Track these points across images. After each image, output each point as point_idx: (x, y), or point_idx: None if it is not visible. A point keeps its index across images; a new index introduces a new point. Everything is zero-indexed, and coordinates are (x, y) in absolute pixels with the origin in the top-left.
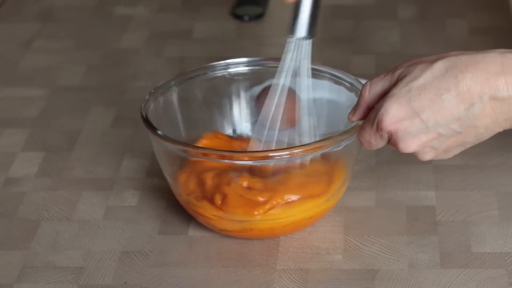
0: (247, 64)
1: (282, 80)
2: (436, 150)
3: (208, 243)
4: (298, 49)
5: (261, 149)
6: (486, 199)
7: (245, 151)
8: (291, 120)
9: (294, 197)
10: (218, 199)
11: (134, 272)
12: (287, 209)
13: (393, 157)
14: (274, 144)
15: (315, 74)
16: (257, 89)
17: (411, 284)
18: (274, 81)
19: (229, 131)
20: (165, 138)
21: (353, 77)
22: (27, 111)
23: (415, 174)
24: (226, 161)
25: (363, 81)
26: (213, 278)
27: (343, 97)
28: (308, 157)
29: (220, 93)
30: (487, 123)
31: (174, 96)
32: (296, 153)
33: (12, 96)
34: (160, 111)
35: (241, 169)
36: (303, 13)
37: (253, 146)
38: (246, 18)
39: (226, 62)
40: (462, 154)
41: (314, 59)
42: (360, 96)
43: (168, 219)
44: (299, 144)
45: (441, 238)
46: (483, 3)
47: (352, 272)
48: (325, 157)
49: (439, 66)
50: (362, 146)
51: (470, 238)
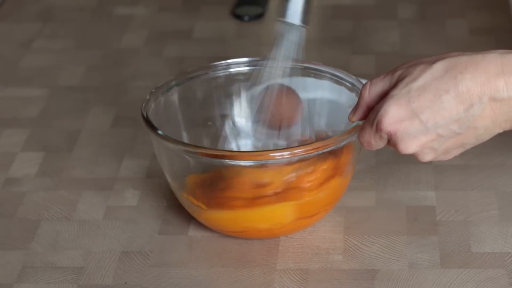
0: (248, 64)
1: (277, 73)
2: (436, 151)
3: (208, 243)
4: (290, 36)
5: (260, 149)
6: (486, 199)
7: (246, 152)
8: (290, 120)
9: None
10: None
11: (134, 272)
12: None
13: (393, 157)
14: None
15: (316, 74)
16: (257, 89)
17: (411, 284)
18: (267, 73)
19: (230, 131)
20: (166, 138)
21: (354, 77)
22: (27, 111)
23: (415, 174)
24: (228, 161)
25: (364, 81)
26: (213, 278)
27: (344, 97)
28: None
29: (221, 93)
30: (487, 124)
31: (175, 96)
32: (297, 153)
33: (12, 96)
34: (161, 111)
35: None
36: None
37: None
38: (246, 18)
39: (227, 62)
40: (462, 154)
41: (314, 59)
42: (360, 97)
43: (168, 219)
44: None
45: (441, 238)
46: (483, 3)
47: (352, 272)
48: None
49: (439, 67)
50: (362, 147)
51: (470, 238)
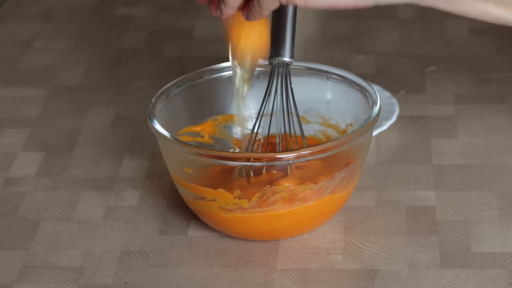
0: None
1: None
2: None
3: (208, 243)
4: (282, 73)
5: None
6: (486, 199)
7: (252, 153)
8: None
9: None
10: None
11: (134, 272)
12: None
13: (393, 157)
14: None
15: (319, 74)
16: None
17: (411, 284)
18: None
19: (235, 131)
20: (174, 141)
21: (359, 77)
22: (27, 111)
23: (415, 174)
24: (236, 163)
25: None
26: (213, 278)
27: (349, 96)
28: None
29: (225, 94)
30: None
31: (180, 98)
32: (304, 155)
33: (12, 96)
34: (165, 113)
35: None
36: (287, 36)
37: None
38: None
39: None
40: (462, 154)
41: (314, 59)
42: None
43: (168, 219)
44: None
45: (441, 238)
46: None
47: (352, 272)
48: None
49: None
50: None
51: (470, 238)
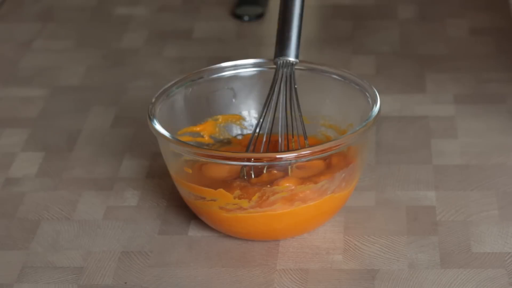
0: (254, 65)
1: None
2: None
3: (208, 243)
4: (287, 72)
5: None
6: (486, 199)
7: (253, 153)
8: None
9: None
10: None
11: (134, 272)
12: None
13: (393, 157)
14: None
15: (322, 75)
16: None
17: (411, 284)
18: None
19: (237, 132)
20: (174, 141)
21: (359, 77)
22: (27, 111)
23: (415, 174)
24: (236, 163)
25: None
26: (213, 278)
27: (349, 96)
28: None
29: (226, 94)
30: None
31: (180, 98)
32: (304, 155)
33: (12, 96)
34: (165, 113)
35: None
36: (293, 36)
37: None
38: (246, 18)
39: (234, 63)
40: (462, 154)
41: (314, 59)
42: None
43: (168, 219)
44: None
45: (441, 238)
46: (483, 3)
47: (352, 272)
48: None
49: None
50: None
51: (470, 238)
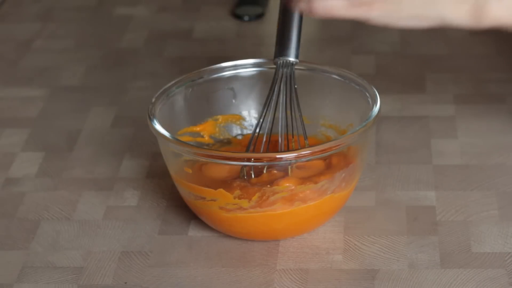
0: (254, 65)
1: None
2: None
3: (208, 243)
4: (287, 73)
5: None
6: (486, 199)
7: (253, 153)
8: None
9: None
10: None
11: (134, 272)
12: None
13: (393, 157)
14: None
15: (322, 75)
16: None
17: (411, 284)
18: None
19: (237, 132)
20: (174, 141)
21: (359, 77)
22: (27, 111)
23: (415, 174)
24: (236, 163)
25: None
26: (213, 278)
27: (349, 96)
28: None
29: (226, 94)
30: None
31: (180, 98)
32: (304, 155)
33: (12, 96)
34: (165, 113)
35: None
36: (293, 36)
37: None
38: (246, 18)
39: (234, 63)
40: (462, 154)
41: (314, 59)
42: None
43: (168, 219)
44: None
45: (441, 238)
46: None
47: (352, 272)
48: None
49: None
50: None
51: (470, 238)
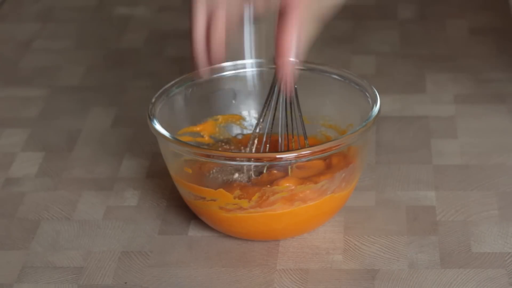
0: (254, 66)
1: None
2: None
3: (208, 243)
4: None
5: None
6: (486, 199)
7: (253, 153)
8: None
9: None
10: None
11: (134, 272)
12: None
13: (393, 157)
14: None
15: (322, 75)
16: None
17: (411, 284)
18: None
19: (237, 132)
20: (174, 141)
21: (359, 77)
22: (27, 111)
23: (415, 174)
24: (236, 163)
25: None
26: (213, 278)
27: (349, 96)
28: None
29: (226, 94)
30: None
31: (180, 98)
32: (304, 155)
33: (12, 96)
34: (165, 113)
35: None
36: None
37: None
38: None
39: (234, 64)
40: (462, 154)
41: (314, 59)
42: None
43: (168, 219)
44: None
45: (441, 238)
46: (483, 3)
47: (352, 272)
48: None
49: None
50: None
51: (470, 238)
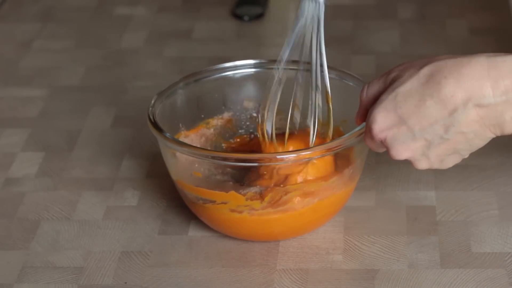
0: (254, 66)
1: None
2: (428, 158)
3: (208, 243)
4: (313, 12)
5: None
6: (486, 199)
7: (256, 153)
8: None
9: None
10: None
11: (134, 272)
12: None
13: None
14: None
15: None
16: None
17: (411, 284)
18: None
19: (241, 131)
20: (174, 141)
21: (359, 77)
22: (27, 111)
23: (415, 174)
24: (237, 163)
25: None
26: (213, 278)
27: (349, 96)
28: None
29: (227, 95)
30: (475, 129)
31: (181, 98)
32: (304, 155)
33: (12, 96)
34: (167, 113)
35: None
36: None
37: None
38: (246, 18)
39: (234, 64)
40: None
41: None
42: (360, 99)
43: (168, 219)
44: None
45: (441, 238)
46: (483, 3)
47: (352, 272)
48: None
49: (425, 72)
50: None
51: (470, 238)
